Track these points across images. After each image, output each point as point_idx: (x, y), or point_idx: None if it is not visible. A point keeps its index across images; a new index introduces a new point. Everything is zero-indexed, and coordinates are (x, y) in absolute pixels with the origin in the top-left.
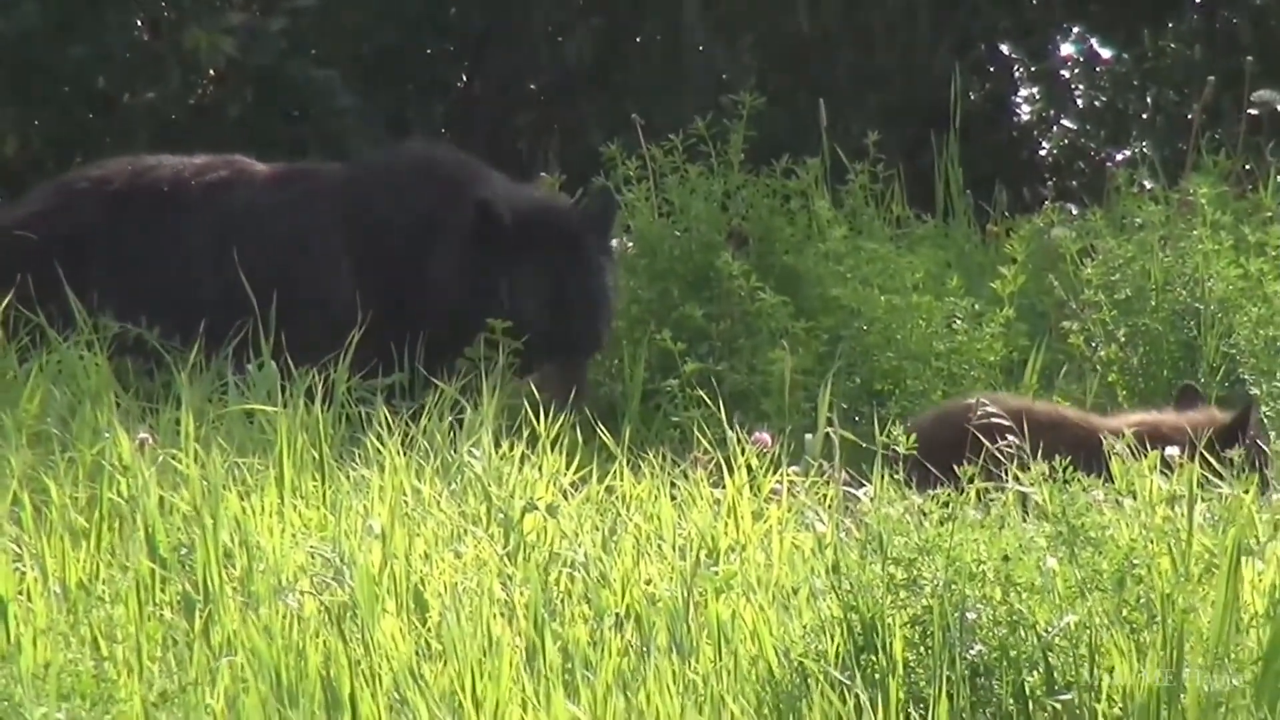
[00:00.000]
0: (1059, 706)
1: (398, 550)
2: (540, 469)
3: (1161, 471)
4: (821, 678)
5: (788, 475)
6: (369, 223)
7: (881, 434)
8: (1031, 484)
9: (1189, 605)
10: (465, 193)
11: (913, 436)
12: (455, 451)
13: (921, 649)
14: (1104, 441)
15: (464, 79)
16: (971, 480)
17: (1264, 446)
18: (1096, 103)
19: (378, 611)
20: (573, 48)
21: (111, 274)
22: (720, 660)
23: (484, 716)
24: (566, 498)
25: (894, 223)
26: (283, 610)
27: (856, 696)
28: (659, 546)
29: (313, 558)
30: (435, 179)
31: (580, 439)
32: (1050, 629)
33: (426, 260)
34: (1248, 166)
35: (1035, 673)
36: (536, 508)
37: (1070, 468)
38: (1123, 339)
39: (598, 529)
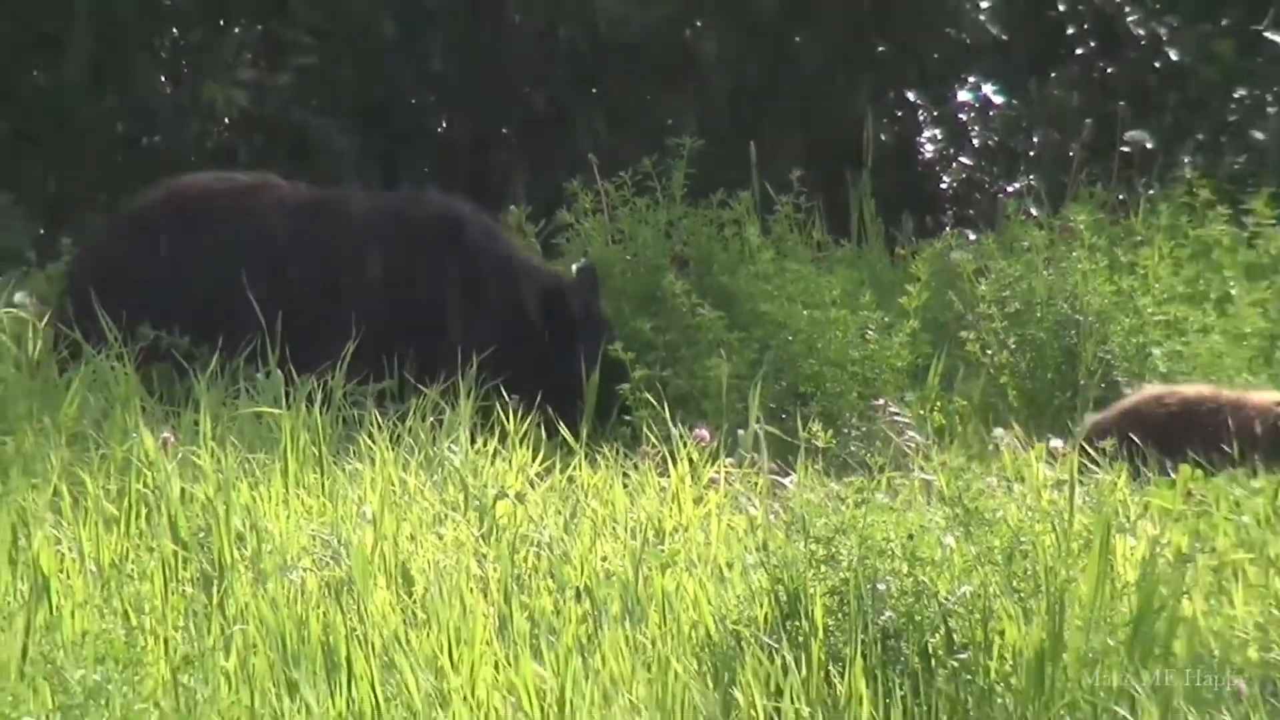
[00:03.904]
0: (958, 664)
1: (387, 533)
2: (510, 462)
3: (1046, 461)
4: (753, 641)
5: (724, 466)
6: (393, 264)
7: (804, 430)
8: (931, 472)
9: (1069, 576)
10: (490, 263)
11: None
12: (436, 447)
13: (839, 615)
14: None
15: (444, 124)
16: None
17: None
18: (990, 142)
19: (370, 586)
20: (539, 97)
21: (157, 291)
22: (665, 626)
23: (461, 676)
24: (533, 487)
25: (815, 247)
26: (288, 585)
27: (783, 657)
28: (613, 528)
29: (313, 540)
30: (460, 238)
31: (545, 436)
32: (949, 598)
33: (444, 310)
34: (1121, 197)
35: (937, 635)
36: (507, 495)
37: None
38: (1013, 346)
39: (560, 513)
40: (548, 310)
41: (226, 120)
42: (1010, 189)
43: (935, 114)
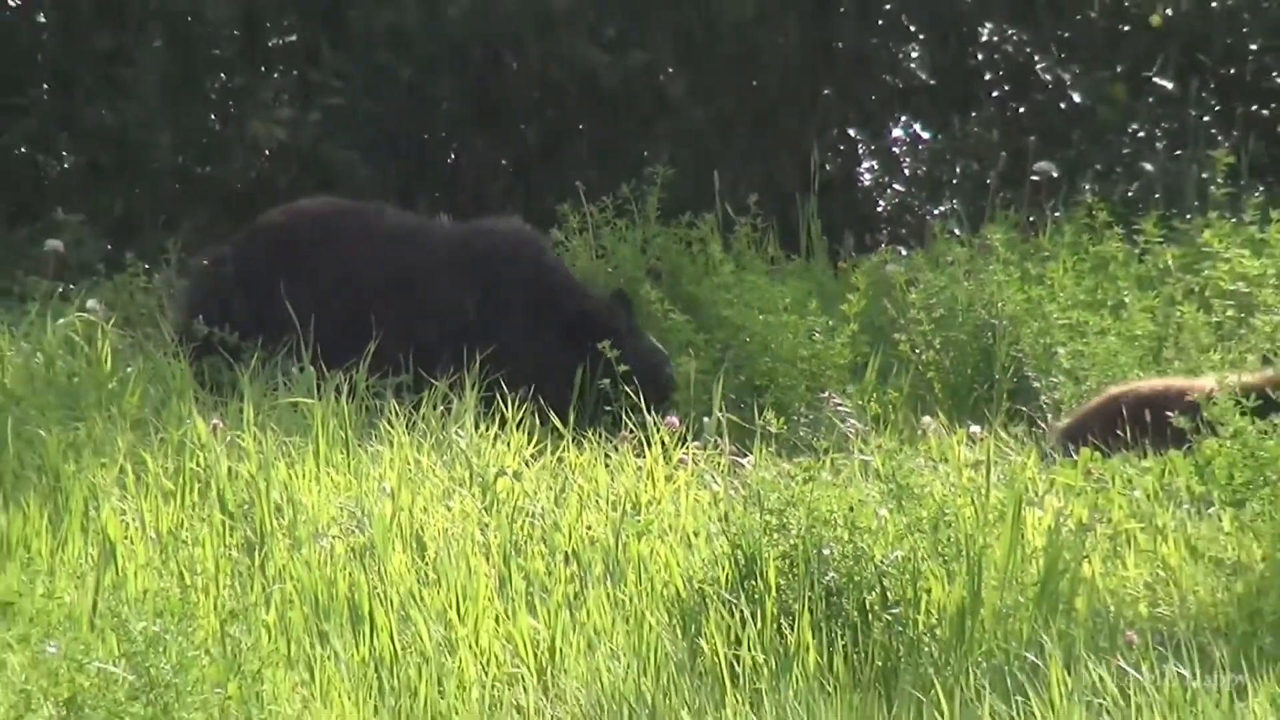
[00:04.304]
0: (891, 618)
1: (404, 505)
2: (509, 444)
3: (967, 444)
4: (715, 598)
5: (691, 449)
6: (481, 276)
7: (759, 418)
8: (868, 453)
9: (986, 543)
10: (557, 283)
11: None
12: (446, 432)
13: (789, 576)
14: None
15: (452, 156)
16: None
17: None
18: (919, 172)
19: (389, 550)
20: (533, 133)
21: (276, 296)
22: (641, 585)
23: (467, 628)
24: (528, 465)
25: (769, 261)
26: (319, 550)
27: (741, 612)
28: (596, 501)
29: (341, 511)
30: (535, 265)
31: (538, 422)
32: (884, 561)
33: (514, 315)
34: (1031, 219)
35: (873, 593)
36: (506, 473)
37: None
38: (938, 346)
39: (551, 488)
40: (601, 321)
41: (267, 152)
42: (936, 212)
43: (872, 148)
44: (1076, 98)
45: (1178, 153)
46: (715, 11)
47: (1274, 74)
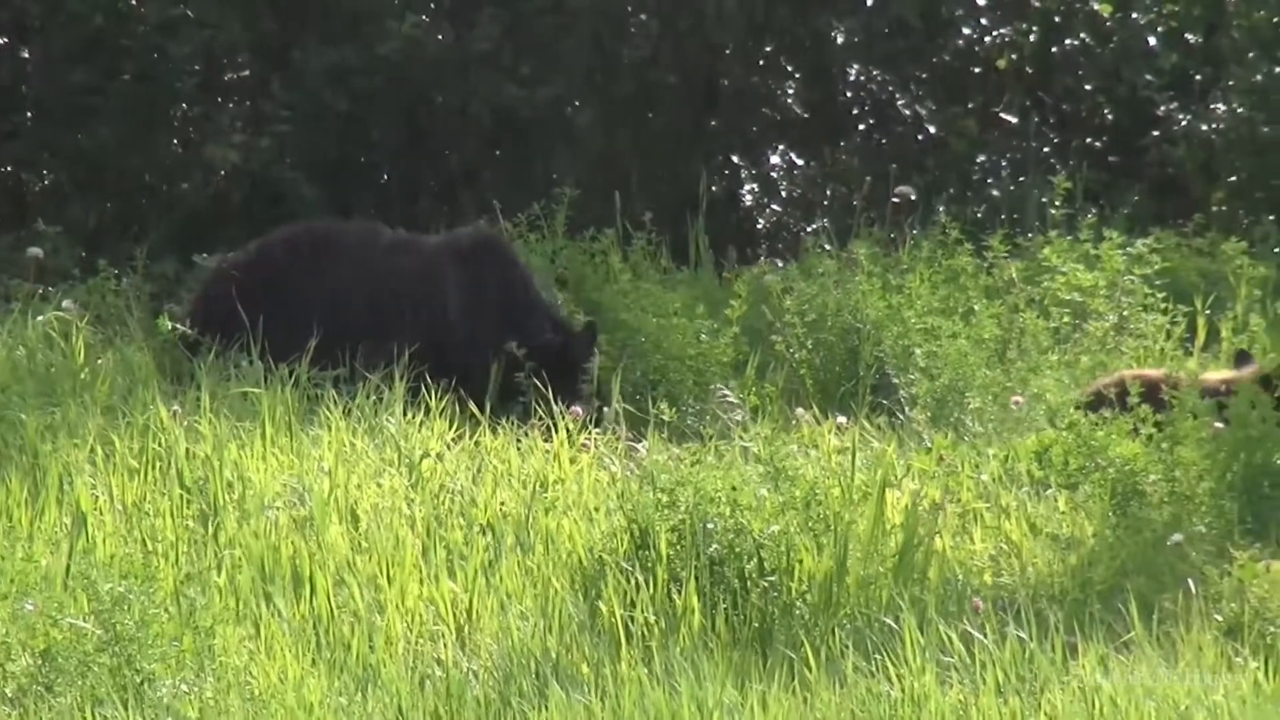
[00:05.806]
0: (767, 585)
1: (340, 482)
2: (432, 429)
3: (835, 432)
4: (613, 566)
5: (593, 435)
6: (465, 281)
7: (653, 408)
8: (749, 440)
9: (851, 519)
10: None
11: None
12: (378, 419)
13: (678, 547)
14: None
15: (385, 178)
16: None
17: None
18: (794, 194)
19: (326, 522)
20: (456, 158)
21: (284, 304)
22: (548, 555)
23: (394, 591)
24: (449, 448)
25: (662, 271)
26: (265, 521)
27: (636, 578)
28: (509, 480)
29: (285, 487)
30: (508, 276)
31: (458, 410)
32: (761, 535)
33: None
34: (892, 236)
35: (752, 562)
36: (430, 455)
37: None
38: (810, 347)
39: (469, 468)
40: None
41: (222, 173)
42: (809, 229)
43: (753, 172)
44: (932, 130)
45: (1021, 179)
46: (616, 52)
47: (1105, 111)
